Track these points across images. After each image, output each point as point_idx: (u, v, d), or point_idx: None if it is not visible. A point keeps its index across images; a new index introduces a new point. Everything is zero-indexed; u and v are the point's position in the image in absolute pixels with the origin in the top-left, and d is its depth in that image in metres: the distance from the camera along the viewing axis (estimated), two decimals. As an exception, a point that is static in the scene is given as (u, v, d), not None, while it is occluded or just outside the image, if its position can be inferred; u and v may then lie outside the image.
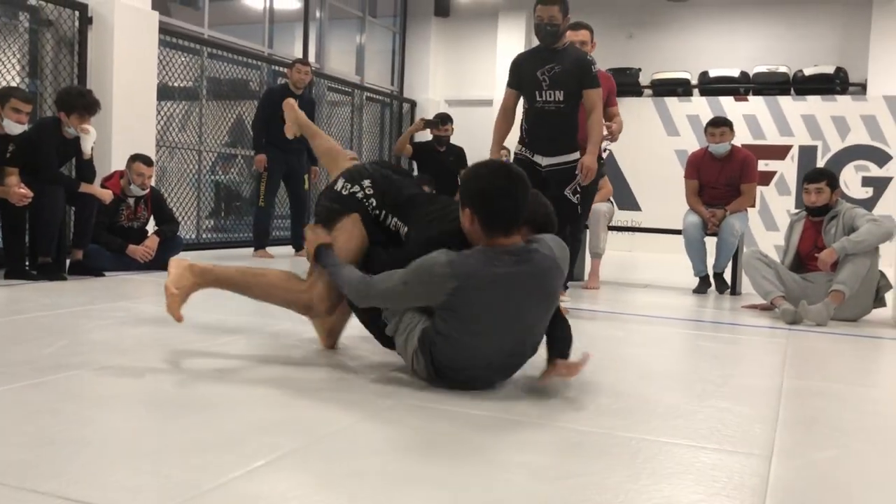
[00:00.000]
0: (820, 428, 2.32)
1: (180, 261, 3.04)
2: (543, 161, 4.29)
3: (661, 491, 1.72)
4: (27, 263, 4.91)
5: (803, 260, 4.75)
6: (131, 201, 5.55)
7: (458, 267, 2.36)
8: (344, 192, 2.90)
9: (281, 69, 9.13)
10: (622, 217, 9.36)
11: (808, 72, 10.03)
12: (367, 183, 2.89)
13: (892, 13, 9.58)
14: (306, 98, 7.17)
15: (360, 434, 2.06)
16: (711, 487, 1.76)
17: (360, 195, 2.88)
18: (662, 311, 4.73)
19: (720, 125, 5.78)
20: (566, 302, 4.63)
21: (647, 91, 10.47)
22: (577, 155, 4.32)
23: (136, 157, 5.50)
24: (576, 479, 1.77)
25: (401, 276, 2.46)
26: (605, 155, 5.01)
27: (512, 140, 4.54)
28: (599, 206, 5.97)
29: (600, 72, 4.82)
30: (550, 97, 4.22)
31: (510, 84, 4.42)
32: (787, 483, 1.83)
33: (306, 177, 7.36)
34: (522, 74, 4.31)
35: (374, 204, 2.88)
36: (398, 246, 2.82)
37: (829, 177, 4.72)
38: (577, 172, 4.24)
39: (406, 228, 2.80)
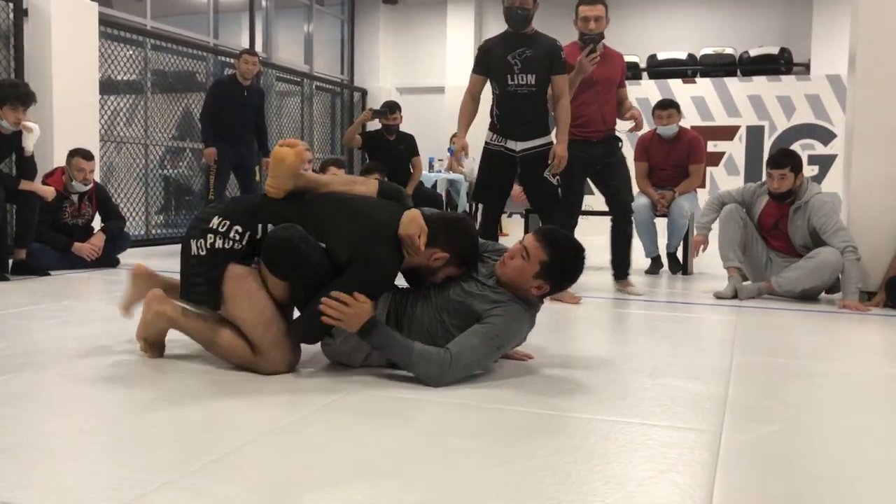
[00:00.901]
0: (768, 402, 2.35)
1: (159, 300, 2.69)
2: (518, 146, 4.25)
3: (612, 470, 1.73)
4: (-33, 265, 4.77)
5: (762, 233, 4.74)
6: (75, 198, 5.41)
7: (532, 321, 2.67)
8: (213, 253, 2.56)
9: (228, 59, 8.98)
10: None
11: (753, 52, 10.19)
12: (229, 226, 2.58)
13: (834, -7, 9.76)
14: (254, 88, 7.06)
15: (304, 428, 2.03)
16: (662, 464, 1.78)
17: (228, 244, 2.56)
18: (614, 293, 4.77)
19: (667, 107, 5.83)
20: (633, 289, 4.69)
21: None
22: (549, 138, 4.31)
23: (75, 153, 5.35)
24: (526, 462, 1.77)
25: (491, 342, 2.47)
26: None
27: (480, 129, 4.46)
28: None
29: (613, 51, 4.80)
30: (522, 80, 4.18)
31: (477, 70, 4.33)
32: (736, 457, 1.85)
33: (257, 168, 7.25)
34: (492, 60, 4.25)
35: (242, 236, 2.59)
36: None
37: (792, 162, 4.53)
38: (549, 161, 4.21)
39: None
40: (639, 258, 6.10)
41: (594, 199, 9.75)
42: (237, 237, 2.57)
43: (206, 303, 2.60)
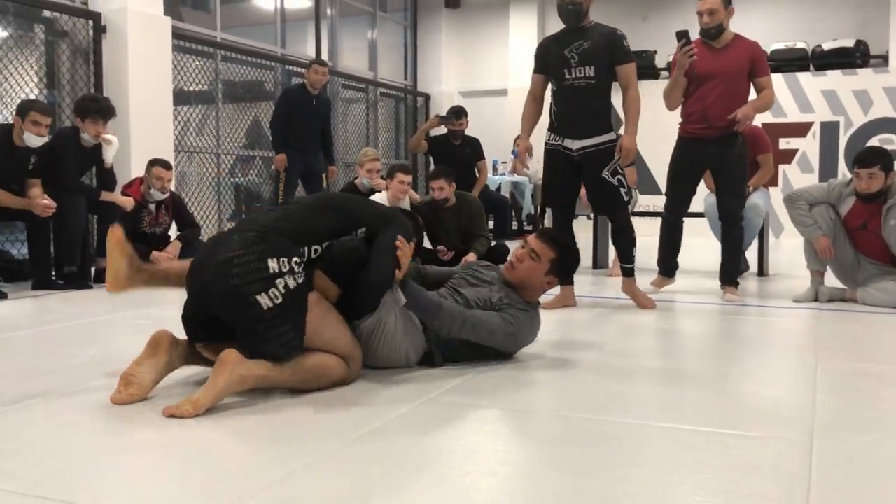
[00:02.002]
0: (860, 410, 2.27)
1: (235, 362, 2.27)
2: (574, 144, 4.08)
3: (703, 481, 1.69)
4: (53, 273, 4.95)
5: (849, 233, 4.50)
6: (152, 207, 5.57)
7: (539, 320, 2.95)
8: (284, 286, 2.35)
9: (295, 69, 9.13)
10: (644, 202, 9.27)
11: (827, 46, 9.86)
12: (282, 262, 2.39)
13: (912, -18, 9.40)
14: (322, 98, 7.19)
15: (382, 437, 2.04)
16: (753, 475, 1.73)
17: (300, 279, 2.40)
18: (689, 296, 4.68)
19: None
20: (734, 297, 4.48)
21: (664, 73, 10.35)
22: (611, 136, 4.09)
23: (154, 162, 5.52)
24: (614, 472, 1.74)
25: (509, 326, 2.76)
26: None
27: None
28: (621, 192, 5.91)
29: (744, 38, 4.50)
30: (580, 73, 4.02)
31: (537, 69, 4.24)
32: (830, 468, 1.79)
33: (324, 176, 7.36)
34: (550, 57, 4.13)
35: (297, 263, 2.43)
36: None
37: (882, 160, 4.25)
38: (616, 154, 4.02)
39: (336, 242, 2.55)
40: (712, 260, 5.97)
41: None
42: (299, 269, 2.40)
43: (295, 349, 2.35)
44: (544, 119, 4.30)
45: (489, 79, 11.64)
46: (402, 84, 11.77)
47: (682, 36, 4.31)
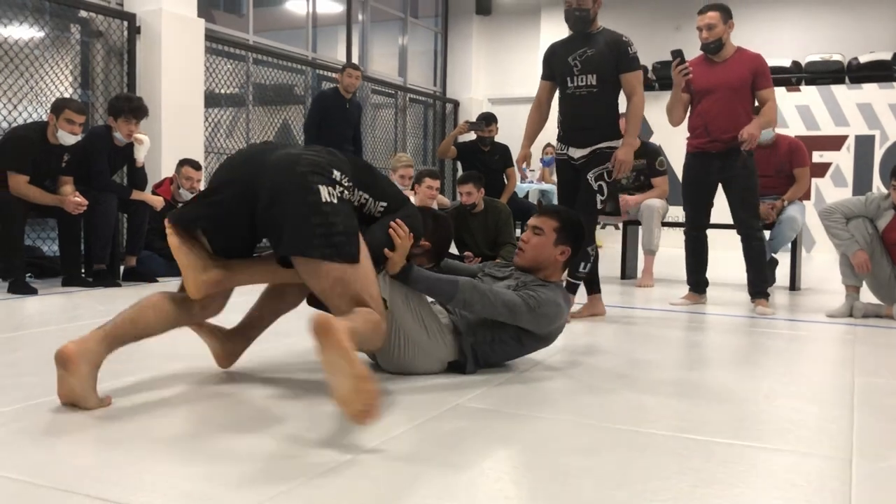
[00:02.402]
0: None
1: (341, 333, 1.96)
2: (577, 153, 3.99)
3: (738, 496, 1.64)
4: (83, 271, 4.99)
5: (887, 248, 4.41)
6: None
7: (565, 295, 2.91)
8: (338, 200, 2.28)
9: (325, 73, 9.17)
10: (675, 212, 9.19)
11: (863, 59, 9.73)
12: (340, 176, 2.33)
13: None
14: (355, 102, 7.24)
15: (411, 445, 2.01)
16: (791, 492, 1.68)
17: (355, 202, 2.41)
18: (720, 308, 4.60)
19: None
20: (767, 310, 4.40)
21: (696, 84, 10.28)
22: (615, 143, 3.97)
23: (184, 162, 5.56)
24: (645, 484, 1.70)
25: (530, 300, 2.68)
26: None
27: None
28: (653, 202, 5.85)
29: (746, 51, 4.52)
30: (582, 81, 3.94)
31: (544, 76, 4.18)
32: (871, 487, 1.73)
33: None
34: (555, 63, 4.07)
35: (357, 195, 2.43)
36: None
37: None
38: (610, 165, 3.89)
39: (373, 200, 2.49)
40: (742, 272, 5.89)
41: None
42: (362, 199, 2.43)
43: (348, 254, 2.23)
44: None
45: (519, 86, 11.62)
46: (432, 90, 11.78)
47: (677, 55, 4.41)
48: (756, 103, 4.53)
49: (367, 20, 10.41)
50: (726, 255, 4.68)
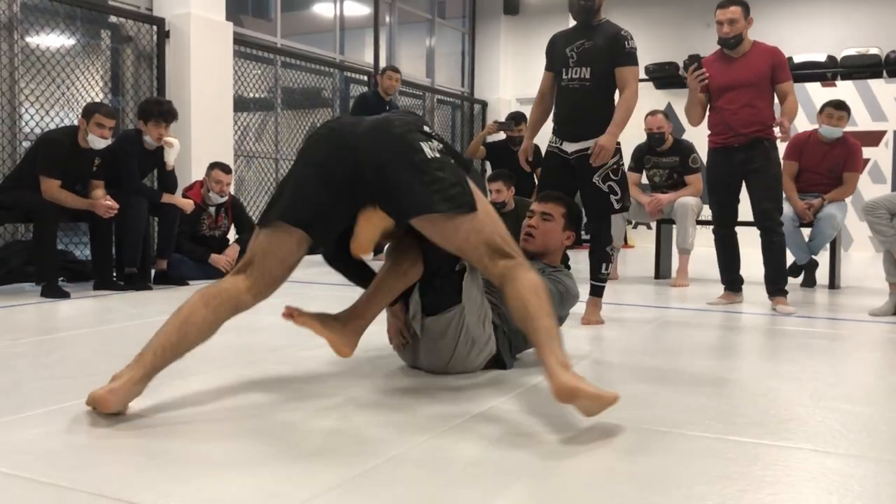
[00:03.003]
0: (955, 430, 2.11)
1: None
2: (570, 147, 3.86)
3: (789, 500, 1.57)
4: (114, 274, 5.01)
5: None
6: (212, 210, 5.61)
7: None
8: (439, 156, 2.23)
9: (353, 75, 9.17)
10: (709, 211, 9.07)
11: (901, 52, 9.52)
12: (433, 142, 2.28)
13: None
14: (394, 104, 7.27)
15: (450, 443, 1.96)
16: (846, 497, 1.60)
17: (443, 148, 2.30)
18: (756, 308, 4.50)
19: (842, 108, 5.50)
20: (787, 308, 4.28)
21: (727, 80, 10.14)
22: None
23: (214, 165, 5.57)
24: (690, 489, 1.63)
25: (557, 285, 2.76)
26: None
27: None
28: (687, 200, 5.75)
29: (763, 45, 4.46)
30: (576, 74, 3.84)
31: (547, 66, 4.08)
32: (929, 492, 1.65)
33: None
34: (555, 53, 3.98)
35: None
36: None
37: None
38: (588, 152, 3.76)
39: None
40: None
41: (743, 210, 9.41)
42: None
43: (468, 203, 2.17)
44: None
45: (547, 86, 11.53)
46: (460, 91, 11.73)
47: (694, 60, 4.39)
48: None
49: (395, 22, 10.40)
50: (756, 252, 4.57)
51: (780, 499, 1.58)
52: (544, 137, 4.07)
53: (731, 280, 4.72)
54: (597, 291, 3.90)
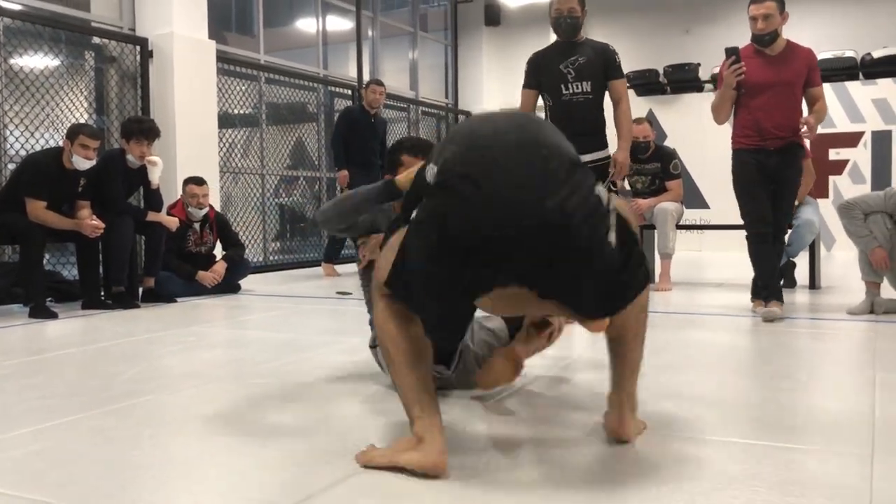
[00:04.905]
0: (922, 423, 2.17)
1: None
2: None
3: (758, 496, 1.62)
4: (102, 293, 5.04)
5: None
6: (197, 226, 5.65)
7: None
8: None
9: (337, 90, 9.23)
10: (690, 216, 9.15)
11: (876, 54, 9.64)
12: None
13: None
14: (380, 117, 7.32)
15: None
16: (812, 488, 1.65)
17: None
18: (738, 310, 4.56)
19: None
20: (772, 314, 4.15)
21: (708, 86, 10.22)
22: (607, 152, 4.09)
23: (187, 180, 5.63)
24: (671, 485, 1.68)
25: None
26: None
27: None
28: (667, 205, 5.83)
29: (798, 45, 4.25)
30: (578, 88, 4.03)
31: (527, 85, 4.19)
32: (892, 483, 1.70)
33: None
34: (543, 71, 4.12)
35: None
36: None
37: None
38: (610, 169, 3.97)
39: None
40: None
41: (711, 214, 9.52)
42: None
43: (646, 275, 1.87)
44: None
45: (530, 95, 11.62)
46: (444, 103, 11.81)
47: (732, 52, 4.11)
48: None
49: (377, 36, 10.47)
50: (724, 256, 4.63)
51: (749, 495, 1.64)
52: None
53: (775, 289, 4.29)
54: None
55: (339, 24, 10.22)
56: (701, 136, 9.39)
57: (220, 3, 10.51)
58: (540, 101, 4.26)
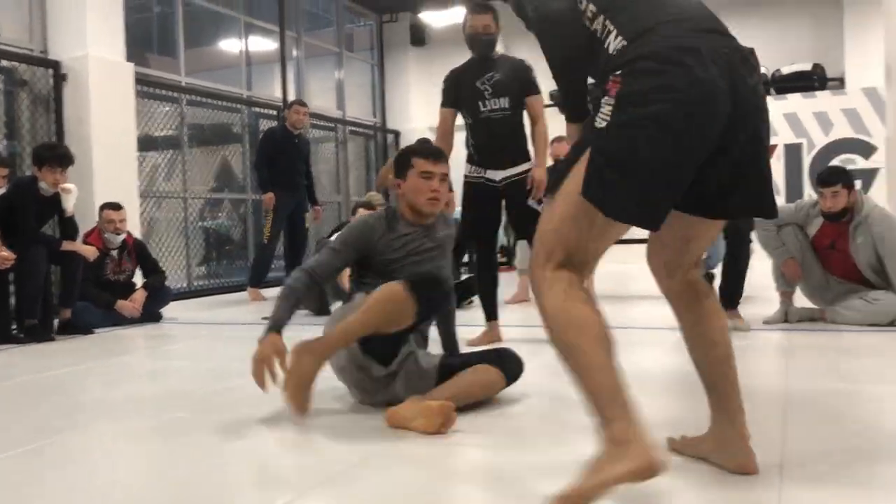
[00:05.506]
0: (828, 428, 2.25)
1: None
2: (497, 175, 4.04)
3: (668, 514, 1.65)
4: (14, 327, 4.84)
5: (818, 253, 4.50)
6: (115, 253, 5.49)
7: None
8: None
9: (262, 111, 9.14)
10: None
11: (785, 70, 10.06)
12: None
13: (864, 5, 9.63)
14: (303, 138, 7.26)
15: (358, 475, 1.98)
16: (734, 493, 1.70)
17: None
18: (661, 322, 4.65)
19: None
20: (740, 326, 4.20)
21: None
22: (531, 164, 4.09)
23: (103, 206, 5.47)
24: None
25: None
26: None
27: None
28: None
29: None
30: (496, 105, 4.03)
31: (445, 103, 4.22)
32: (800, 494, 1.75)
33: (307, 215, 7.36)
34: (460, 89, 4.13)
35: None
36: None
37: (843, 178, 4.30)
38: (528, 185, 3.99)
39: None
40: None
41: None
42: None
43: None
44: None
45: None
46: (371, 122, 11.81)
47: None
48: None
49: (302, 56, 10.41)
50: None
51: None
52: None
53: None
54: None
55: (264, 44, 10.13)
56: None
57: (140, 23, 10.34)
58: (460, 120, 4.29)
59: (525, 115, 4.12)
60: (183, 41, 8.30)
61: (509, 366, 2.72)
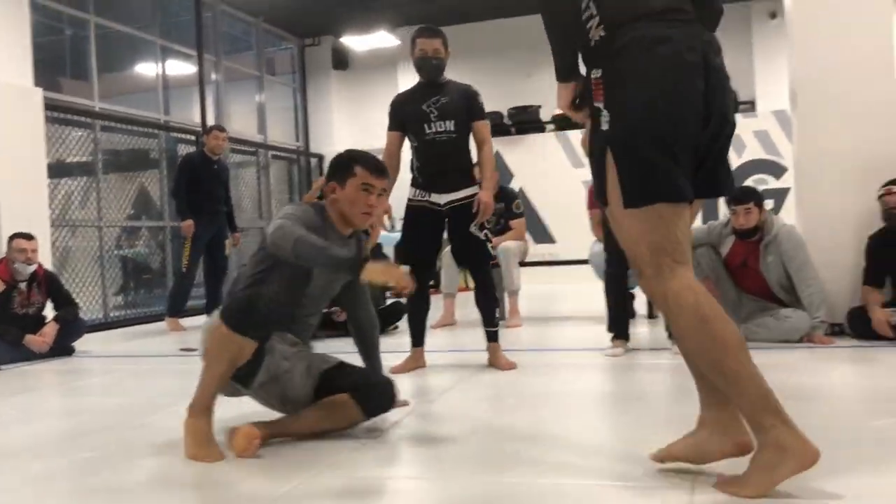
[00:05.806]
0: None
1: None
2: (442, 199, 4.02)
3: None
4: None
5: (730, 272, 4.62)
6: (23, 286, 5.25)
7: None
8: None
9: (181, 136, 8.95)
10: (539, 251, 9.43)
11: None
12: None
13: (772, 30, 10.05)
14: (222, 164, 7.12)
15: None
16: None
17: None
18: (585, 343, 4.71)
19: None
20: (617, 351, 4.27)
21: (550, 126, 10.65)
22: (475, 189, 4.04)
23: (13, 236, 5.23)
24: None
25: None
26: None
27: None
28: (509, 244, 5.97)
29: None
30: (441, 127, 4.00)
31: (391, 126, 4.20)
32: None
33: (227, 242, 7.20)
34: (406, 112, 4.12)
35: None
36: None
37: (754, 196, 4.49)
38: (474, 211, 3.96)
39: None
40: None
41: (558, 248, 9.86)
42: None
43: None
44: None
45: (381, 136, 11.49)
46: (294, 146, 11.70)
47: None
48: None
49: (222, 79, 10.26)
50: (577, 287, 4.80)
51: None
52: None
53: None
54: (493, 337, 4.07)
55: (182, 68, 9.94)
56: (544, 175, 9.74)
57: (51, 46, 10.01)
58: (407, 143, 4.26)
59: (472, 140, 4.10)
60: (96, 65, 8.08)
61: (376, 403, 2.64)
